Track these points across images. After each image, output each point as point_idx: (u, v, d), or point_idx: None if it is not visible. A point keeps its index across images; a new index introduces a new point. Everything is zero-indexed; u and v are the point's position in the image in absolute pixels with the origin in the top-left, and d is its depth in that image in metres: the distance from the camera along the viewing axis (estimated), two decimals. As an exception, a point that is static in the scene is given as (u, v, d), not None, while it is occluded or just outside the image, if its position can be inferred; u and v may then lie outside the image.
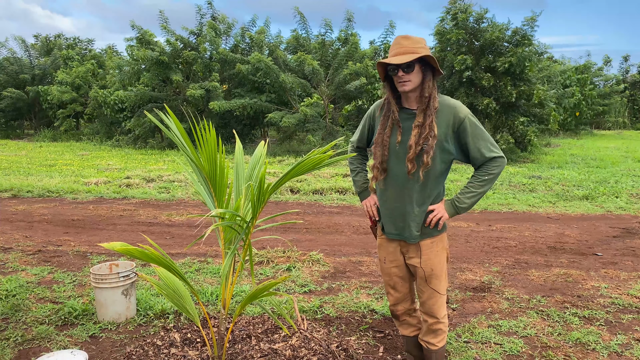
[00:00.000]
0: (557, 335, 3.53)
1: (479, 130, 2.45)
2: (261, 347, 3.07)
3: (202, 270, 4.97)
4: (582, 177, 10.81)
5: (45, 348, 3.36)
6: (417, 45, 2.38)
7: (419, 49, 2.37)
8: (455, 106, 2.45)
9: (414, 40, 2.39)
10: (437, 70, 2.44)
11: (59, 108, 22.40)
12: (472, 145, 2.46)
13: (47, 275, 4.79)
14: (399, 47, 2.39)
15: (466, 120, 2.43)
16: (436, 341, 2.70)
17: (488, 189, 2.50)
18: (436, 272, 2.60)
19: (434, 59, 2.38)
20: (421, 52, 2.36)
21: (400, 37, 2.42)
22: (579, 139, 21.75)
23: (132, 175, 11.12)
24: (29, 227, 6.84)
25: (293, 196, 9.17)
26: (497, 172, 2.48)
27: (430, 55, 2.37)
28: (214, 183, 2.61)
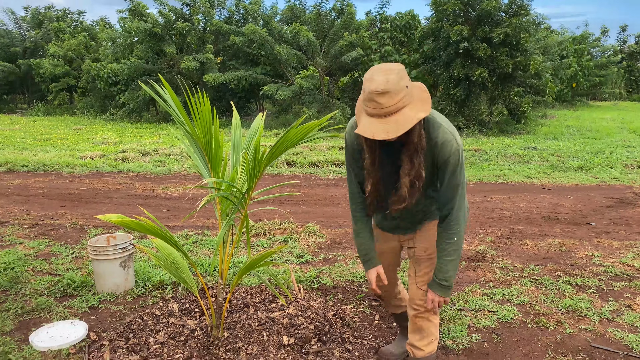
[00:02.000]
0: (549, 302, 3.59)
1: (457, 174, 2.18)
2: (259, 316, 3.11)
3: (199, 242, 5.00)
4: (578, 148, 10.84)
5: (45, 319, 3.40)
6: (399, 98, 1.94)
7: (402, 100, 1.95)
8: (443, 144, 2.13)
9: (393, 92, 1.93)
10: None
11: (52, 82, 22.12)
12: (445, 183, 2.21)
13: (45, 248, 4.81)
14: (378, 107, 1.95)
15: (450, 159, 2.15)
16: (423, 344, 2.48)
17: (460, 250, 2.30)
18: (430, 253, 2.43)
19: (422, 105, 2.02)
20: (406, 105, 1.97)
21: (374, 93, 1.93)
22: (575, 110, 21.72)
23: (128, 149, 11.07)
24: (25, 201, 6.84)
25: (289, 169, 9.18)
26: (460, 231, 2.26)
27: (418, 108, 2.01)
28: (209, 154, 2.61)
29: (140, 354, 2.71)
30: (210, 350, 2.74)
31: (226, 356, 2.68)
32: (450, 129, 2.16)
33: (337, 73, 16.95)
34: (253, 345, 2.76)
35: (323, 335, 2.93)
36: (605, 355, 2.91)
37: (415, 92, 2.02)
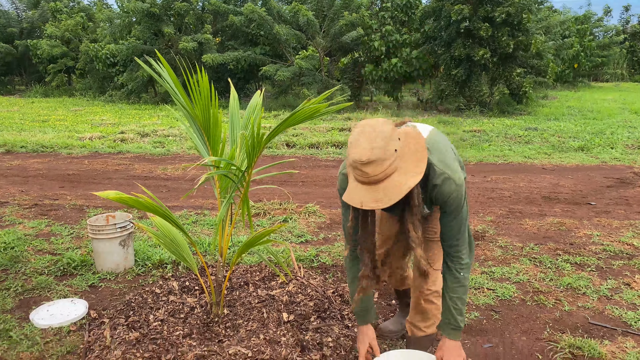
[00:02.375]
0: (548, 280, 3.60)
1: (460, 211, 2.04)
2: (259, 294, 3.12)
3: (199, 222, 5.00)
4: (579, 129, 10.79)
5: (46, 297, 3.41)
6: (386, 165, 1.76)
7: (390, 167, 1.77)
8: (441, 186, 1.98)
9: (379, 160, 1.74)
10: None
11: (50, 63, 21.94)
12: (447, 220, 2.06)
13: (44, 228, 4.81)
14: (364, 175, 1.78)
15: (449, 200, 2.01)
16: (424, 325, 2.44)
17: (468, 284, 2.16)
18: (438, 235, 2.25)
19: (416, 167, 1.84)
20: (395, 170, 1.79)
21: (358, 163, 1.75)
22: (577, 91, 21.59)
23: (127, 130, 11.03)
24: (24, 181, 6.82)
25: (289, 150, 9.15)
26: (466, 264, 2.12)
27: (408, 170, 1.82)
28: (208, 132, 2.58)
29: (140, 331, 2.72)
30: (210, 327, 2.75)
31: (226, 333, 2.69)
32: (447, 165, 1.98)
33: (337, 53, 16.80)
34: (253, 322, 2.77)
35: (322, 312, 2.94)
36: (603, 332, 2.92)
37: (407, 151, 1.82)
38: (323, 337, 2.67)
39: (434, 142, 2.04)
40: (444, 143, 2.10)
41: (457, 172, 2.02)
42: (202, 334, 2.69)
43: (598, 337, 2.87)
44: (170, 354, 2.47)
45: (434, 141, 2.05)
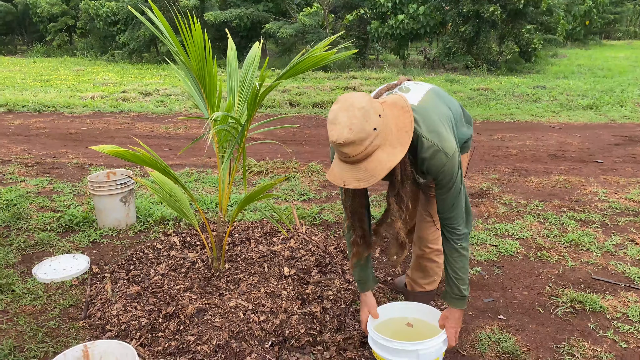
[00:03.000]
0: (552, 237, 3.57)
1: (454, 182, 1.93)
2: (260, 249, 3.11)
3: (201, 180, 4.98)
4: (588, 87, 10.58)
5: (48, 253, 3.41)
6: (366, 144, 1.67)
7: (371, 145, 1.68)
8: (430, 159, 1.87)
9: (357, 140, 1.65)
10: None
11: (50, 22, 21.57)
12: (442, 192, 1.96)
13: (46, 185, 4.80)
14: (344, 156, 1.71)
15: (441, 174, 1.90)
16: (424, 282, 2.41)
17: (468, 254, 2.06)
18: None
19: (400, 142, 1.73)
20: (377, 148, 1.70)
21: (335, 144, 1.69)
22: (587, 49, 21.09)
23: (129, 90, 10.91)
24: (26, 140, 6.79)
25: (292, 109, 9.03)
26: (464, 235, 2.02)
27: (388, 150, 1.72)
28: (204, 84, 2.51)
29: (141, 285, 2.72)
30: (211, 282, 2.75)
31: (227, 286, 2.69)
32: (438, 135, 1.85)
33: (341, 10, 16.41)
34: (254, 276, 2.77)
35: (324, 267, 2.93)
36: (606, 287, 2.90)
37: (390, 127, 1.72)
38: (324, 291, 2.66)
39: (424, 109, 1.91)
40: (436, 109, 1.94)
41: (448, 141, 1.86)
42: (202, 287, 2.69)
43: (600, 292, 2.85)
44: (170, 307, 2.48)
45: (423, 109, 1.91)
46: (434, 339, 2.00)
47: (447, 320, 2.12)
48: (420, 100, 1.95)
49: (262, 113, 8.53)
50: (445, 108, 2.00)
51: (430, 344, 1.99)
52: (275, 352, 2.27)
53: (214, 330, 2.32)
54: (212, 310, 2.46)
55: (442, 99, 2.06)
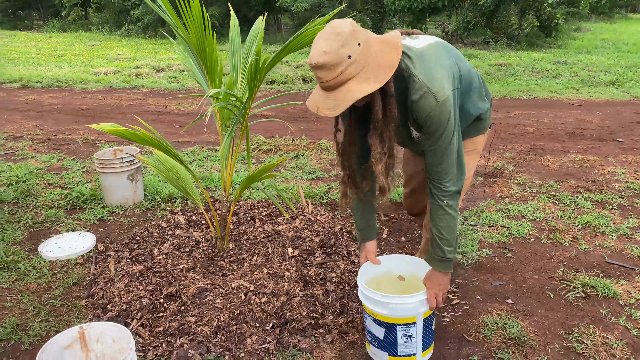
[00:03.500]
0: (566, 218, 3.47)
1: (444, 134, 1.79)
2: (265, 229, 3.07)
3: (210, 157, 4.93)
4: (611, 62, 10.25)
5: (55, 230, 3.42)
6: (339, 71, 1.61)
7: (344, 73, 1.62)
8: (418, 102, 1.76)
9: (330, 65, 1.60)
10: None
11: (65, -4, 21.56)
12: (430, 143, 1.84)
13: (56, 162, 4.81)
14: (319, 80, 1.67)
15: (429, 119, 1.78)
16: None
17: (455, 216, 1.92)
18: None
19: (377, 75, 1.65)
20: (351, 78, 1.63)
21: (311, 65, 1.65)
22: (612, 23, 20.43)
23: (142, 65, 10.87)
24: (38, 116, 6.81)
25: (305, 85, 8.91)
26: (450, 192, 1.88)
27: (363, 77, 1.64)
28: (204, 59, 2.43)
29: (144, 264, 2.70)
30: (215, 261, 2.72)
31: (230, 267, 2.66)
32: (432, 79, 1.73)
33: (358, -17, 16.04)
34: (257, 256, 2.73)
35: (328, 248, 2.88)
36: (620, 272, 2.81)
37: (369, 58, 1.64)
38: (327, 273, 2.62)
39: (423, 54, 1.78)
40: (439, 57, 1.80)
41: (441, 86, 1.73)
42: (205, 267, 2.66)
43: (614, 276, 2.76)
44: (172, 287, 2.45)
45: (423, 54, 1.78)
46: (408, 297, 1.93)
47: (428, 280, 2.02)
48: (424, 46, 1.83)
49: (273, 89, 8.44)
50: (450, 62, 1.84)
51: (403, 300, 1.92)
52: (276, 334, 2.23)
53: (214, 311, 2.29)
54: (213, 291, 2.43)
55: (452, 55, 1.90)
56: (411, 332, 1.97)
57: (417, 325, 1.97)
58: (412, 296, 1.94)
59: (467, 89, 1.99)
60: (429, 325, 2.03)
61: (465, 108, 2.01)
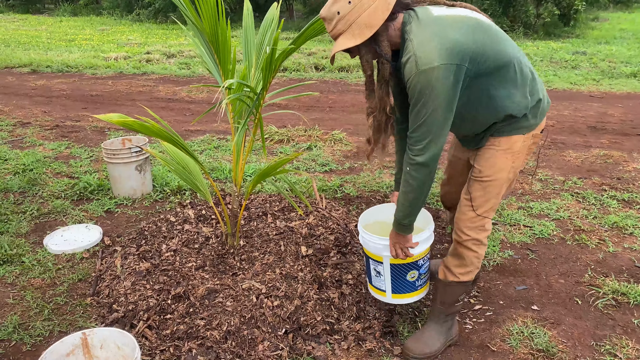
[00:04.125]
0: (592, 218, 3.31)
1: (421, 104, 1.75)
2: (277, 225, 2.95)
3: (221, 147, 4.81)
4: (632, 53, 9.94)
5: (61, 222, 3.32)
6: (332, 25, 1.80)
7: (335, 28, 1.80)
8: (404, 65, 1.77)
9: (327, 19, 1.81)
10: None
11: (76, -20, 21.39)
12: (411, 107, 1.82)
13: (64, 150, 4.71)
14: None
15: (410, 84, 1.76)
16: (459, 271, 2.09)
17: (415, 188, 1.87)
18: (485, 176, 1.98)
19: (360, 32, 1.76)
20: (340, 33, 1.79)
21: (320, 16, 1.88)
22: (631, 12, 19.93)
23: (152, 51, 10.73)
24: (47, 102, 6.71)
25: (317, 73, 8.74)
26: (415, 162, 1.83)
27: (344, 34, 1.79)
28: (216, 47, 2.30)
29: (152, 261, 2.59)
30: (225, 259, 2.61)
31: (241, 265, 2.55)
32: (424, 48, 1.70)
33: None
34: (269, 255, 2.61)
35: (343, 247, 2.76)
36: (651, 278, 2.66)
37: (360, 15, 1.74)
38: (343, 274, 2.50)
39: (435, 21, 1.74)
40: (450, 28, 1.72)
41: (430, 57, 1.68)
42: (215, 266, 2.55)
43: (645, 282, 2.62)
44: (180, 287, 2.34)
45: (435, 21, 1.75)
46: (374, 236, 2.11)
47: (391, 233, 2.08)
48: (444, 15, 1.77)
49: (285, 77, 8.28)
50: (464, 38, 1.72)
51: (371, 237, 2.13)
52: (289, 340, 2.12)
53: (224, 314, 2.18)
54: (223, 292, 2.32)
55: (477, 33, 1.76)
56: (379, 270, 2.18)
57: (385, 266, 2.15)
58: (378, 238, 2.10)
59: (494, 76, 1.82)
60: (400, 275, 2.16)
61: (492, 96, 1.86)
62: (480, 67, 1.76)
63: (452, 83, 1.71)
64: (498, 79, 1.83)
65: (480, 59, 1.75)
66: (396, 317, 2.33)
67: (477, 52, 1.73)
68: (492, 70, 1.80)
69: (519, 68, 1.86)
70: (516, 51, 1.86)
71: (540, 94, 1.95)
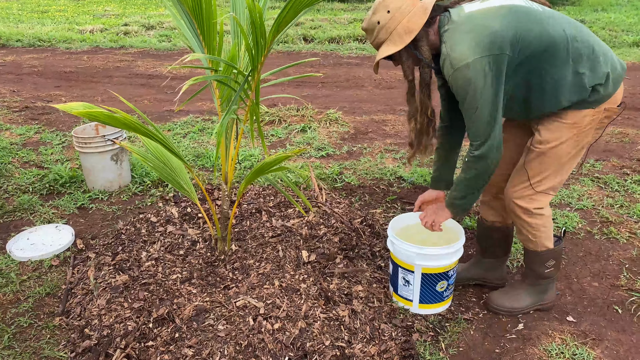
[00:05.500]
0: (618, 207, 3.02)
1: (467, 99, 1.77)
2: (273, 224, 2.60)
3: (206, 130, 4.42)
4: (632, 21, 9.61)
5: (28, 221, 2.94)
6: (373, 36, 1.87)
7: (377, 38, 1.86)
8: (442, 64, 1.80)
9: (368, 30, 1.88)
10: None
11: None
12: (460, 105, 1.84)
13: (33, 135, 4.28)
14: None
15: (450, 80, 1.78)
16: (521, 238, 2.08)
17: (474, 183, 1.90)
18: (544, 144, 1.88)
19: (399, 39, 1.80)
20: (382, 42, 1.85)
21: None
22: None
23: (131, 22, 10.15)
24: (17, 80, 6.21)
25: (307, 45, 8.29)
26: (476, 169, 1.86)
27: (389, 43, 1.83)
28: (200, 21, 1.91)
29: (130, 273, 2.24)
30: (215, 269, 2.27)
31: (233, 276, 2.21)
32: (452, 47, 1.73)
33: None
34: (266, 262, 2.27)
35: (349, 250, 2.43)
36: (695, 279, 2.38)
37: (400, 23, 1.79)
38: (352, 286, 2.17)
39: (468, 19, 1.76)
40: (480, 22, 1.73)
41: (462, 55, 1.70)
42: (204, 278, 2.20)
43: (690, 285, 2.33)
44: (164, 307, 2.00)
45: (469, 17, 1.76)
46: (409, 244, 2.03)
47: (432, 203, 2.17)
48: (474, 10, 1.78)
49: (273, 50, 7.81)
50: (499, 26, 1.71)
51: (405, 246, 2.03)
52: (293, 371, 1.80)
53: (216, 341, 1.85)
54: (214, 312, 1.99)
55: (513, 19, 1.73)
56: (409, 279, 2.08)
57: (415, 275, 2.05)
58: (411, 245, 2.01)
59: (543, 57, 1.76)
60: (430, 285, 2.07)
61: (545, 78, 1.79)
62: (524, 52, 1.74)
63: (493, 74, 1.71)
64: (548, 61, 1.77)
65: (522, 44, 1.73)
66: (415, 335, 2.02)
67: (515, 37, 1.72)
68: (539, 52, 1.75)
69: (572, 46, 1.77)
70: (566, 29, 1.77)
71: (606, 67, 1.81)
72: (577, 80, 1.78)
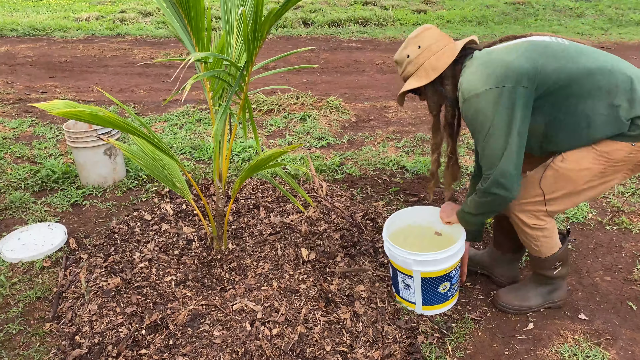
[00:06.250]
0: (629, 195, 2.91)
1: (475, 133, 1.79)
2: (271, 221, 2.51)
3: (203, 120, 4.31)
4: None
5: (20, 220, 2.86)
6: (402, 69, 1.94)
7: (405, 71, 1.92)
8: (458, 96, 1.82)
9: (398, 62, 1.94)
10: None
11: None
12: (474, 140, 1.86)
13: (27, 129, 4.18)
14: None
15: (462, 111, 1.80)
16: (529, 250, 2.00)
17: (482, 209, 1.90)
18: (564, 165, 1.77)
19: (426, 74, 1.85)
20: (409, 75, 1.91)
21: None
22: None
23: (127, 9, 9.95)
24: (11, 71, 6.09)
25: (306, 29, 8.11)
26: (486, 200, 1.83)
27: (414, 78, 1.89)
28: (186, 9, 1.79)
29: (122, 276, 2.15)
30: (211, 269, 2.18)
31: (230, 277, 2.12)
32: (465, 79, 1.76)
33: None
34: (264, 262, 2.18)
35: (351, 247, 2.34)
36: None
37: (428, 59, 1.85)
38: (354, 286, 2.08)
39: (488, 55, 1.77)
40: (497, 56, 1.74)
41: (471, 87, 1.72)
42: (199, 279, 2.12)
43: None
44: (157, 312, 1.92)
45: (489, 54, 1.78)
46: (405, 252, 1.95)
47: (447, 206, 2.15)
48: (497, 48, 1.81)
49: (272, 34, 7.65)
50: (514, 60, 1.69)
51: (402, 253, 1.96)
52: (293, 378, 1.72)
53: (212, 349, 1.77)
54: (210, 316, 1.90)
55: (533, 53, 1.71)
56: (409, 283, 2.02)
57: (415, 279, 1.99)
58: (408, 252, 1.95)
59: (566, 92, 1.70)
60: (431, 288, 1.99)
61: (575, 109, 1.71)
62: (544, 85, 1.69)
63: (507, 105, 1.67)
64: (575, 94, 1.69)
65: (541, 78, 1.68)
66: (420, 337, 1.93)
67: (533, 71, 1.68)
68: (560, 87, 1.69)
69: (604, 78, 1.68)
70: (596, 61, 1.70)
71: None
72: (613, 112, 1.67)
